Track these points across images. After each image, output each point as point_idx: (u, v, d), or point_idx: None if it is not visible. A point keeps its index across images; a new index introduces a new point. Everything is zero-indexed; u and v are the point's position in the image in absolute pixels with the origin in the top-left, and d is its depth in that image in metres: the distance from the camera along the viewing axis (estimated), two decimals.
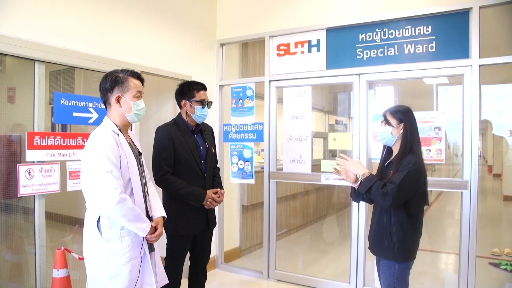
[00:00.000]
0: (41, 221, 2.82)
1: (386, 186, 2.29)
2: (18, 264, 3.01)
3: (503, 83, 7.32)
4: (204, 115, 2.99)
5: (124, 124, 2.21)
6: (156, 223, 2.23)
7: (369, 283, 3.86)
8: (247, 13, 4.52)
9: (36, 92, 2.82)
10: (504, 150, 9.15)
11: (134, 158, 2.17)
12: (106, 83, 2.14)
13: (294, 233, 6.19)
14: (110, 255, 2.03)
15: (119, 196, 1.96)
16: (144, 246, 2.14)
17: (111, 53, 3.39)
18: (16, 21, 2.71)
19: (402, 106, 2.50)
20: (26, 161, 2.73)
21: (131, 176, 2.12)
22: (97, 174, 1.97)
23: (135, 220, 2.04)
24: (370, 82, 3.83)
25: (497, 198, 9.49)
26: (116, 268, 2.03)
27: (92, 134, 2.11)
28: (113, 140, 2.07)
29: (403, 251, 2.36)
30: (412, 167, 2.28)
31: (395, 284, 2.39)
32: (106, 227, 2.03)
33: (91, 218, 2.08)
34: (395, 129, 2.44)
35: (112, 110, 2.17)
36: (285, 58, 4.27)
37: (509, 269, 4.51)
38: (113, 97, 2.14)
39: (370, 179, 2.38)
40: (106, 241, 2.02)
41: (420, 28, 3.56)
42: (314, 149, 4.40)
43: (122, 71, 2.18)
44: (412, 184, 2.29)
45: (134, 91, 2.16)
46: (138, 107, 2.18)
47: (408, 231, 2.35)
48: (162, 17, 3.95)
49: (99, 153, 1.99)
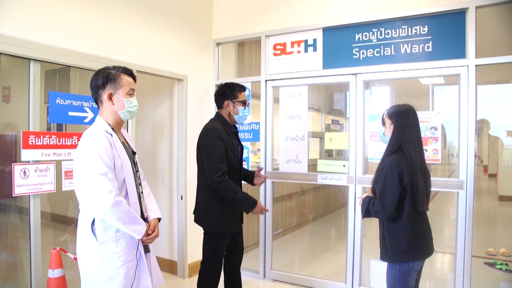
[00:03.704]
0: (37, 221, 2.80)
1: (375, 204, 2.40)
2: (13, 264, 3.00)
3: (499, 83, 7.36)
4: (246, 116, 3.05)
5: (117, 122, 2.16)
6: (154, 226, 2.20)
7: (365, 283, 3.87)
8: (244, 13, 4.52)
9: (31, 91, 2.80)
10: (500, 151, 9.19)
11: (128, 158, 2.13)
12: (98, 80, 2.08)
13: (290, 233, 6.19)
14: (105, 259, 1.99)
15: (114, 199, 1.91)
16: (139, 248, 2.11)
17: (107, 52, 3.37)
18: (11, 20, 2.69)
19: (399, 106, 2.50)
20: (21, 161, 2.72)
21: (125, 177, 2.07)
22: (91, 177, 1.92)
23: (130, 222, 2.00)
24: (366, 82, 3.83)
25: (493, 198, 9.52)
26: (111, 272, 1.99)
27: (85, 134, 2.06)
28: (106, 140, 2.01)
29: (398, 253, 2.38)
30: (389, 166, 2.33)
31: (395, 285, 2.42)
32: (101, 230, 1.98)
33: (85, 220, 2.04)
34: (387, 129, 2.51)
35: (104, 108, 2.12)
36: (282, 58, 4.27)
37: (504, 268, 4.53)
38: (105, 94, 2.08)
39: (364, 202, 2.50)
40: (101, 244, 1.98)
41: (417, 28, 3.57)
42: (310, 149, 4.39)
43: (114, 67, 2.13)
44: (392, 188, 2.31)
45: (127, 88, 2.11)
46: (131, 104, 2.13)
47: (399, 234, 2.37)
48: (158, 17, 3.93)
49: (93, 154, 1.94)
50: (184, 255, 4.27)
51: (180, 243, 4.30)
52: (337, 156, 6.16)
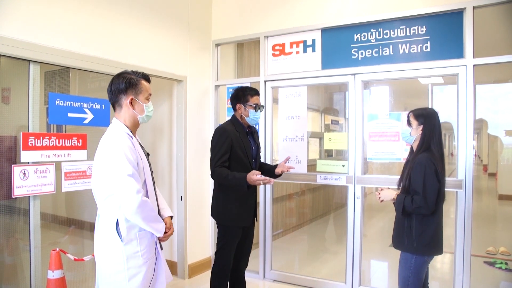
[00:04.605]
0: (36, 222, 2.81)
1: (414, 200, 2.48)
2: (13, 265, 3.01)
3: (497, 82, 7.37)
4: (257, 118, 3.19)
5: (134, 126, 2.22)
6: (169, 224, 2.30)
7: (366, 283, 3.87)
8: (243, 13, 4.53)
9: (31, 92, 2.81)
10: (499, 150, 9.20)
11: (146, 159, 2.21)
12: (120, 84, 2.13)
13: (290, 233, 6.19)
14: (129, 258, 2.05)
15: (141, 199, 1.98)
16: (157, 246, 2.21)
17: (106, 53, 3.38)
18: (11, 21, 2.70)
19: (426, 110, 2.69)
20: (21, 162, 2.73)
21: (146, 177, 2.15)
22: (119, 178, 1.97)
23: (153, 221, 2.09)
24: (365, 82, 3.84)
25: (492, 197, 9.54)
26: (134, 270, 2.06)
27: (107, 136, 2.11)
28: (130, 142, 2.08)
29: (422, 245, 2.52)
30: (426, 163, 2.47)
31: (409, 278, 2.57)
32: (126, 229, 2.03)
33: (107, 222, 2.07)
34: (414, 130, 2.67)
35: (123, 111, 2.17)
36: (281, 58, 4.28)
37: (503, 267, 4.53)
38: (126, 99, 2.14)
39: (399, 201, 2.57)
40: (125, 244, 2.04)
41: (415, 28, 3.58)
42: (309, 149, 4.40)
43: (133, 73, 2.19)
44: (433, 183, 2.46)
45: (146, 94, 2.20)
46: (149, 108, 2.22)
47: (427, 227, 2.51)
48: (157, 18, 3.94)
49: (120, 155, 1.99)
50: (184, 255, 4.27)
51: (180, 243, 4.30)
52: (336, 156, 6.16)
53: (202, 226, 4.57)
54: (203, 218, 4.52)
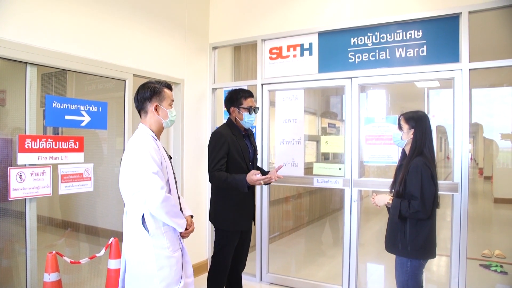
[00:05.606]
0: (32, 224, 2.80)
1: (412, 205, 2.46)
2: (8, 268, 2.99)
3: (493, 86, 7.41)
4: (251, 121, 3.16)
5: (159, 130, 2.41)
6: (190, 221, 2.48)
7: (362, 286, 3.88)
8: (240, 17, 4.54)
9: (27, 95, 2.80)
10: (495, 153, 9.25)
11: (169, 161, 2.40)
12: (146, 93, 2.34)
13: (287, 236, 6.19)
14: (157, 249, 2.21)
15: (165, 194, 2.16)
16: (181, 241, 2.38)
17: (103, 56, 3.38)
18: (8, 23, 2.70)
19: (417, 113, 2.66)
20: (17, 164, 2.71)
21: (169, 177, 2.33)
22: (144, 175, 2.15)
23: (175, 216, 2.27)
24: (362, 85, 3.86)
25: (488, 201, 9.57)
26: (163, 260, 2.21)
27: (134, 139, 2.30)
28: (155, 143, 2.28)
29: (415, 249, 2.51)
30: (422, 167, 2.47)
31: (407, 281, 2.56)
32: (152, 224, 2.20)
33: (134, 218, 2.24)
34: (405, 134, 2.66)
35: (148, 117, 2.37)
36: (278, 62, 4.29)
37: (499, 270, 4.55)
38: (151, 106, 2.35)
39: (395, 206, 2.55)
40: (152, 237, 2.20)
41: (411, 32, 3.60)
42: (306, 152, 4.41)
43: (157, 82, 2.40)
44: (430, 187, 2.46)
45: (169, 100, 2.40)
46: (172, 114, 2.42)
47: (421, 231, 2.51)
48: (154, 21, 3.95)
49: (145, 155, 2.18)
50: None
51: None
52: (333, 159, 6.17)
53: (199, 228, 4.55)
54: (200, 220, 4.51)
